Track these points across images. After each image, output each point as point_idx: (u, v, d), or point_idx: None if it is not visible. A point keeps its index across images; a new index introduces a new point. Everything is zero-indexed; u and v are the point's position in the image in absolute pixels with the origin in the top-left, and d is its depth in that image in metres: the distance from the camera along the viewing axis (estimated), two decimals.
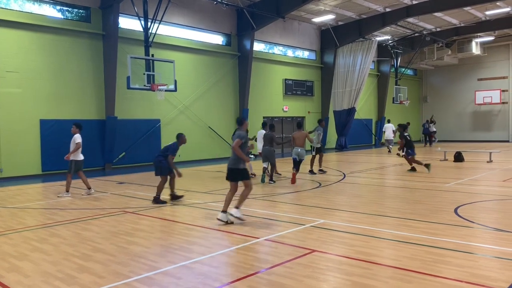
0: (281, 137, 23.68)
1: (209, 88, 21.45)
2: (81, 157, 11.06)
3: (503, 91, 33.36)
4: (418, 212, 8.14)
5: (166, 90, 16.86)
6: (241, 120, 8.06)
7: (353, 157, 21.86)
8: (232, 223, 7.37)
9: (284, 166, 16.78)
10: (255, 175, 13.92)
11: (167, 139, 19.49)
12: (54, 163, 16.05)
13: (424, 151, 24.23)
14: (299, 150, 12.69)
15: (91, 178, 14.75)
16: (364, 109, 31.05)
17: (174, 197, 9.93)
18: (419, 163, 14.42)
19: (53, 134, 16.05)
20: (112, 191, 11.63)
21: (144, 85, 16.26)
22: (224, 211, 7.45)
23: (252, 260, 5.47)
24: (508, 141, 32.29)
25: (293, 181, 12.37)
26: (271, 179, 12.69)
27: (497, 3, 23.79)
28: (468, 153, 20.21)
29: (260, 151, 13.68)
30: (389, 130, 24.62)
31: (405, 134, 14.68)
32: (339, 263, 5.25)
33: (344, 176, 14.05)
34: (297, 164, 12.64)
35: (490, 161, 17.49)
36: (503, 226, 6.89)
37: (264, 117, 24.42)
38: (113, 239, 6.60)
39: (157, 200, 9.58)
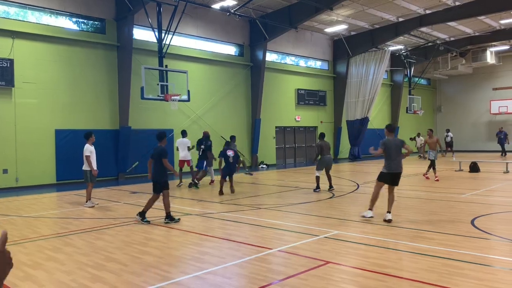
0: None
1: (222, 98, 21.54)
2: (93, 166, 10.87)
3: None
4: (434, 223, 8.00)
5: (179, 100, 16.98)
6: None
7: (366, 167, 21.67)
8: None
9: (301, 176, 16.65)
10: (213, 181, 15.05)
11: None
12: (69, 173, 16.23)
13: (442, 161, 23.89)
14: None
15: (104, 188, 14.89)
16: (378, 119, 30.84)
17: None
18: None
19: (68, 144, 16.24)
20: (126, 201, 11.69)
21: (158, 95, 16.41)
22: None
23: (266, 271, 5.42)
24: None
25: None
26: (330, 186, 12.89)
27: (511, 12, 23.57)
28: (483, 163, 19.88)
29: (183, 159, 14.51)
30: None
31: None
32: (354, 275, 5.17)
33: (358, 186, 13.92)
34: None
35: (507, 171, 17.19)
36: None
37: (276, 127, 24.41)
38: (126, 248, 6.61)
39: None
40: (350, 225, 8.11)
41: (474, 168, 17.71)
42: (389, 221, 8.08)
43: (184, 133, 14.86)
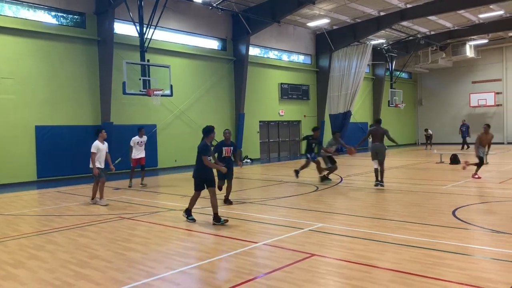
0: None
1: (205, 93, 21.43)
2: (96, 164, 10.30)
3: (497, 93, 33.55)
4: (417, 214, 8.13)
5: (162, 95, 16.82)
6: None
7: (349, 160, 21.84)
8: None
9: (282, 170, 16.70)
10: None
11: (163, 144, 19.48)
12: (50, 170, 15.97)
13: (423, 154, 24.27)
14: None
15: (87, 184, 14.69)
16: (360, 113, 31.12)
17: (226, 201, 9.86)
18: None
19: (49, 140, 15.97)
20: (109, 197, 11.55)
21: (140, 91, 16.22)
22: None
23: (251, 265, 5.43)
24: (503, 143, 32.40)
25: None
26: (380, 181, 11.61)
27: (490, 6, 23.96)
28: (464, 155, 20.25)
29: (137, 158, 13.45)
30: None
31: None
32: (339, 267, 5.22)
33: (341, 179, 14.04)
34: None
35: (486, 163, 17.53)
36: (501, 228, 6.88)
37: (260, 121, 24.43)
38: (110, 245, 6.54)
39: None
40: (335, 218, 8.19)
41: (454, 160, 18.03)
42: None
43: (140, 130, 13.63)
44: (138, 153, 13.52)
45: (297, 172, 13.53)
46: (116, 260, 5.74)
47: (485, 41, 32.05)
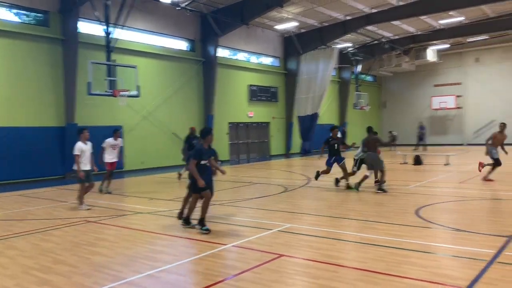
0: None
1: (173, 94, 21.22)
2: (80, 167, 9.67)
3: (458, 96, 34.81)
4: (382, 214, 8.34)
5: (128, 96, 16.53)
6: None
7: (317, 162, 22.12)
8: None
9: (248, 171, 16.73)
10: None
11: (129, 146, 19.13)
12: (10, 173, 15.40)
13: (388, 155, 24.85)
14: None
15: (50, 187, 14.26)
16: (327, 115, 31.60)
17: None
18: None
19: (9, 142, 15.39)
20: (73, 201, 11.24)
21: (106, 91, 15.87)
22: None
23: (220, 267, 5.43)
24: (462, 145, 33.64)
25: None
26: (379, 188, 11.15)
27: (451, 13, 24.90)
28: (426, 156, 20.91)
29: (112, 161, 12.22)
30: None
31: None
32: (307, 267, 5.30)
33: (309, 180, 14.22)
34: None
35: (447, 164, 18.17)
36: (461, 226, 7.16)
37: (229, 123, 24.42)
38: (75, 249, 6.38)
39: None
40: (303, 218, 8.29)
41: (417, 161, 18.59)
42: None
43: (115, 133, 12.55)
44: (112, 156, 12.31)
45: (317, 176, 12.54)
46: (81, 265, 5.61)
47: (446, 46, 33.28)
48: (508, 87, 32.43)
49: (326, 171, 12.31)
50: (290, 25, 25.07)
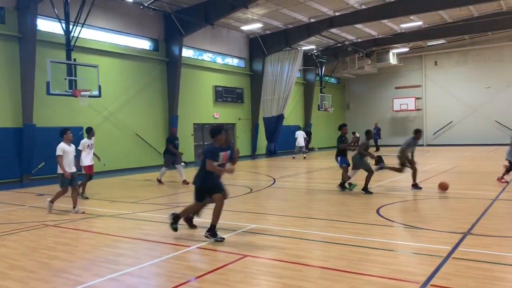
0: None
1: (136, 94, 20.85)
2: (67, 170, 9.26)
3: (418, 98, 35.99)
4: (344, 213, 8.51)
5: (89, 96, 16.14)
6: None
7: (282, 163, 22.35)
8: None
9: None
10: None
11: None
12: None
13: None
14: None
15: (7, 190, 13.71)
16: (292, 116, 31.92)
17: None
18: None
19: None
20: (31, 204, 10.87)
21: (66, 91, 15.43)
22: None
23: (184, 268, 5.38)
24: (423, 145, 34.76)
25: None
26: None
27: (411, 17, 25.72)
28: (387, 156, 21.42)
29: (89, 164, 11.55)
30: (300, 137, 25.59)
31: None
32: (271, 267, 5.33)
33: (274, 181, 14.31)
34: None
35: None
36: (420, 224, 7.40)
37: (194, 124, 24.24)
38: (32, 254, 6.16)
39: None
40: (267, 219, 8.34)
41: (379, 161, 18.99)
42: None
43: (90, 131, 12.01)
44: (90, 159, 11.54)
45: (344, 184, 11.74)
46: (39, 270, 5.42)
47: (406, 49, 34.38)
48: (464, 90, 33.79)
49: (346, 174, 11.63)
50: (255, 26, 25.19)
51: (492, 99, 32.68)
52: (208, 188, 6.72)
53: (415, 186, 11.55)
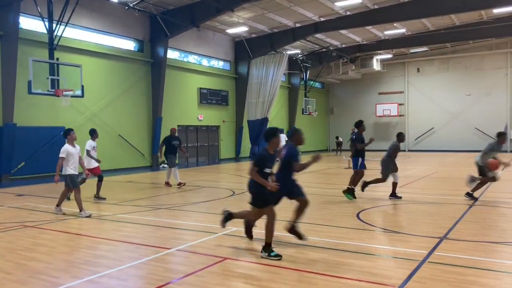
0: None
1: (120, 95, 20.71)
2: (69, 171, 9.00)
3: (400, 104, 36.54)
4: (325, 217, 8.61)
5: (72, 96, 15.98)
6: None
7: None
8: None
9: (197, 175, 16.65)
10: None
11: None
12: None
13: (333, 160, 25.59)
14: None
15: None
16: (277, 119, 32.05)
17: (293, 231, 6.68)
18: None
19: None
20: (10, 204, 10.71)
21: (48, 90, 15.25)
22: None
23: (163, 271, 5.39)
24: (404, 151, 35.24)
25: None
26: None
27: (394, 24, 26.13)
28: (369, 161, 21.67)
29: (95, 166, 11.26)
30: (282, 141, 25.63)
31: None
32: (250, 269, 5.38)
33: None
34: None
35: None
36: (398, 228, 7.54)
37: (179, 126, 24.15)
38: (9, 255, 6.09)
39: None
40: None
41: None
42: None
43: (94, 133, 11.52)
44: (94, 161, 11.23)
45: (364, 187, 11.25)
46: (16, 271, 5.36)
47: (390, 56, 34.90)
48: (445, 97, 34.43)
49: (360, 176, 11.21)
50: (241, 29, 25.28)
51: (472, 106, 33.38)
52: (258, 194, 5.99)
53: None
